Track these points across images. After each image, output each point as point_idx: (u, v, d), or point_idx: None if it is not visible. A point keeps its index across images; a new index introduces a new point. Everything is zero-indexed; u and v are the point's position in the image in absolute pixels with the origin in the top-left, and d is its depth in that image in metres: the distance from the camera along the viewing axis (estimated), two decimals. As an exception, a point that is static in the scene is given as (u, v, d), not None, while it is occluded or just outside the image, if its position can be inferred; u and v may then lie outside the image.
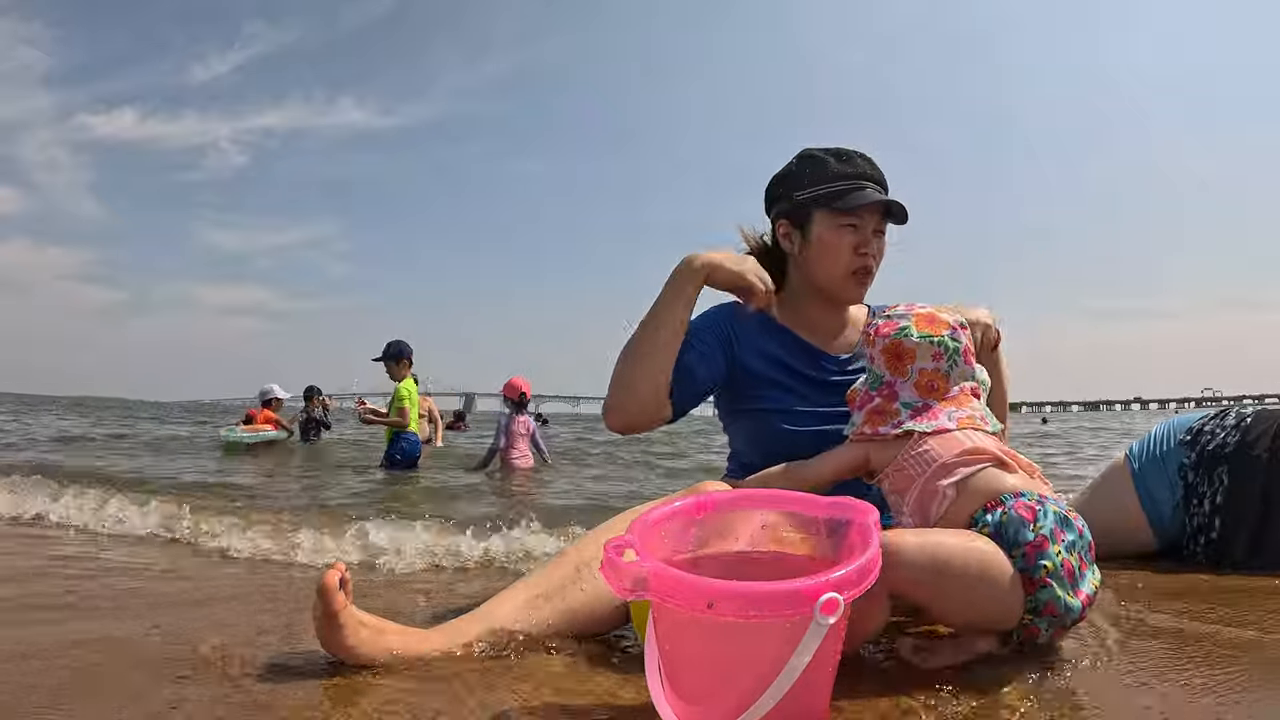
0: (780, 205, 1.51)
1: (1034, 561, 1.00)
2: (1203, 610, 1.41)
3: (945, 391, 1.18)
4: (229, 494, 3.90)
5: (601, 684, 1.08)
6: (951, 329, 1.20)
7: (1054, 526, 1.02)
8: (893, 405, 1.19)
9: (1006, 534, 1.01)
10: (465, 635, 1.10)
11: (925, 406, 1.17)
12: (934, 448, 1.13)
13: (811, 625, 0.74)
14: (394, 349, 5.85)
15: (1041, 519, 1.02)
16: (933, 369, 1.19)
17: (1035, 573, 0.99)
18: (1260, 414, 1.80)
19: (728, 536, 0.99)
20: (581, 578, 1.18)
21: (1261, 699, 0.98)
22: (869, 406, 1.22)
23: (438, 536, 2.27)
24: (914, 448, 1.14)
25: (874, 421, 1.19)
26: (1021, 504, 1.04)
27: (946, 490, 1.08)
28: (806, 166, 1.48)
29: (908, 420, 1.16)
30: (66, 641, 1.21)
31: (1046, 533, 1.01)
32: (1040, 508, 1.04)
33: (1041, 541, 1.00)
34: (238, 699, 0.97)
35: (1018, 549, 1.00)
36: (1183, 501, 1.80)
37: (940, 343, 1.19)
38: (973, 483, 1.08)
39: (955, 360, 1.19)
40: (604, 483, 5.34)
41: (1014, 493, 1.06)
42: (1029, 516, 1.02)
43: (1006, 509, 1.03)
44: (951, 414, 1.16)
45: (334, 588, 1.00)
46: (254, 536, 2.32)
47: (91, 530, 2.58)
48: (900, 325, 1.21)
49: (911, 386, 1.19)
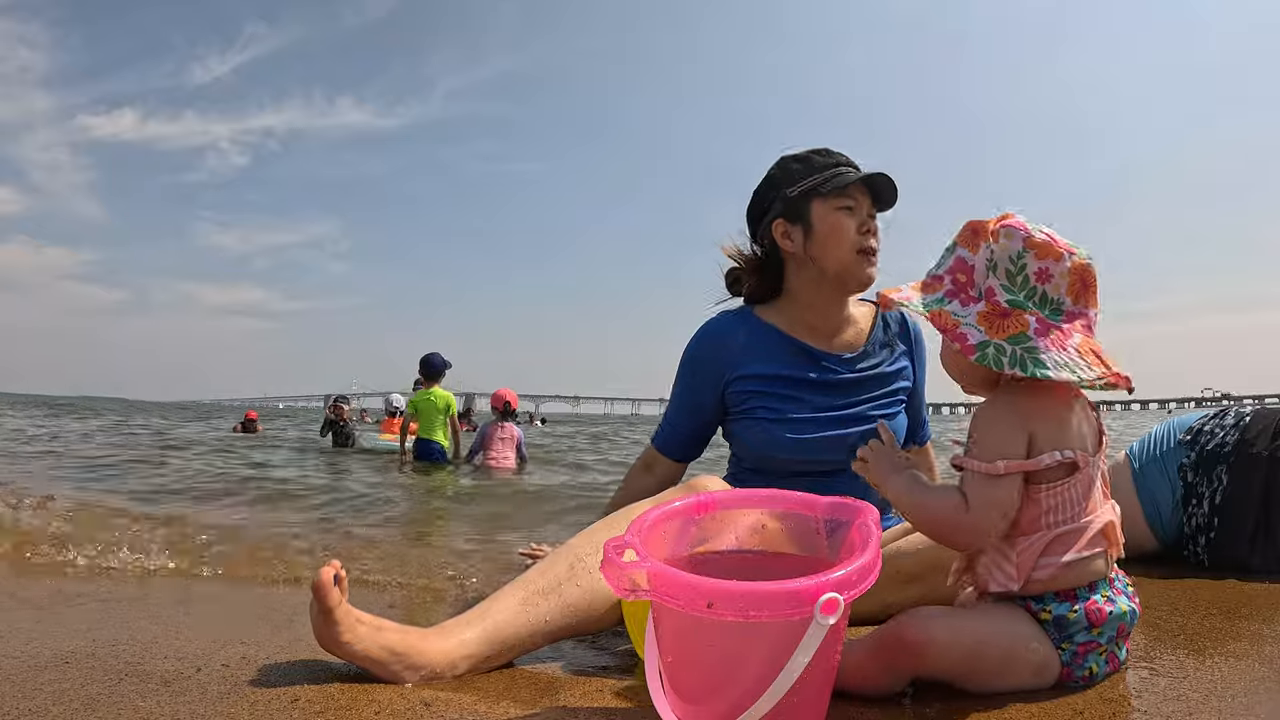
0: (775, 208, 1.52)
1: (1081, 661, 0.97)
2: (1202, 612, 1.41)
3: (1092, 316, 0.97)
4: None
5: (601, 684, 1.08)
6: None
7: (1112, 634, 0.98)
8: (1101, 347, 0.95)
9: (1064, 628, 0.96)
10: (464, 634, 1.10)
11: (1081, 314, 0.95)
12: (1079, 496, 0.95)
13: (812, 625, 0.74)
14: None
15: (1106, 626, 0.96)
16: (1080, 286, 0.96)
17: (1077, 670, 0.97)
18: (1259, 413, 1.80)
19: (727, 536, 0.99)
20: (577, 574, 1.19)
21: (1262, 700, 0.98)
22: (1074, 343, 0.93)
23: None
24: (1064, 481, 0.94)
25: (1106, 362, 0.93)
26: (1093, 605, 0.96)
27: (1058, 566, 0.95)
28: (792, 165, 1.51)
29: (1077, 344, 0.92)
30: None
31: (1103, 641, 0.97)
32: (1111, 609, 0.96)
33: (1093, 646, 0.97)
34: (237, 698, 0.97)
35: (1069, 644, 0.96)
36: (1182, 501, 1.80)
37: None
38: (1079, 568, 0.96)
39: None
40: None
41: (1091, 586, 0.97)
42: (1098, 622, 0.96)
43: (1078, 608, 0.95)
44: (1104, 359, 0.95)
45: (329, 584, 1.00)
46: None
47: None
48: (1070, 246, 0.95)
49: (1065, 288, 0.94)
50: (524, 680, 1.09)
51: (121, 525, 2.62)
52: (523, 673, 1.13)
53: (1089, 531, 0.96)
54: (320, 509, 3.56)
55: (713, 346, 1.54)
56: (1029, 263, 0.94)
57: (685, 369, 1.57)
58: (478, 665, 1.10)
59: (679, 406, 1.59)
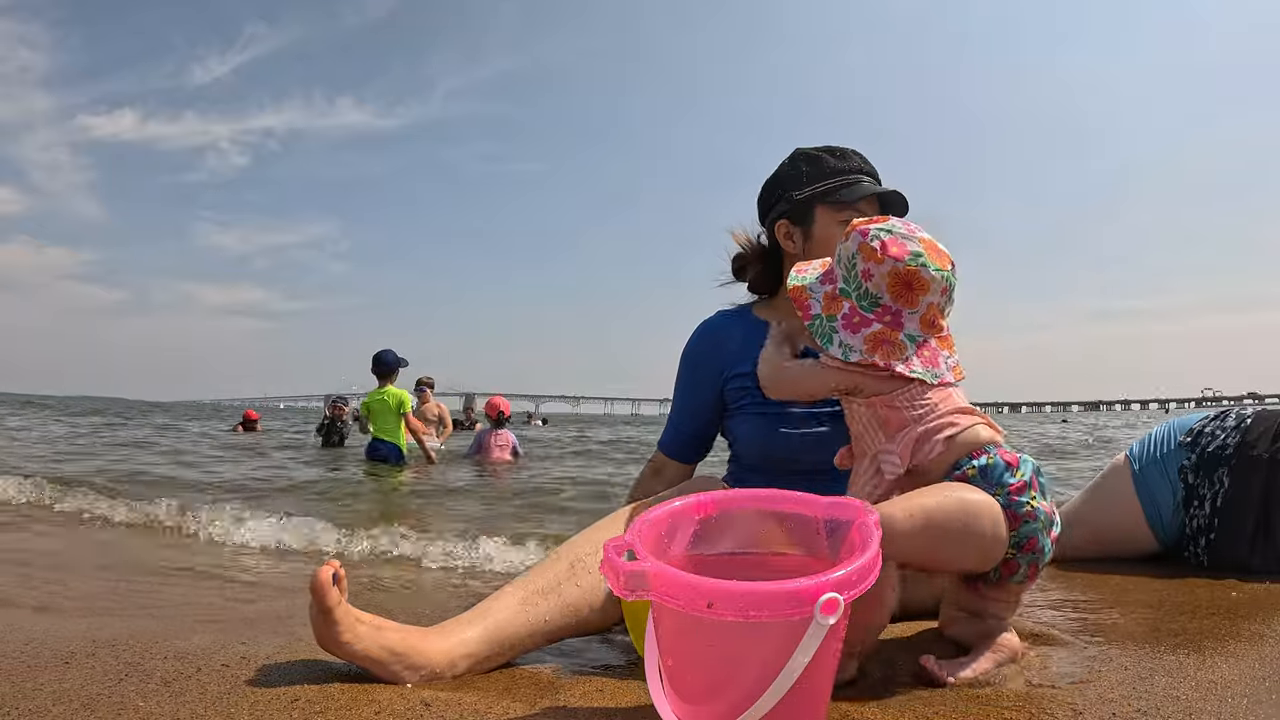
0: (780, 207, 1.51)
1: (1017, 499, 1.07)
2: (1202, 612, 1.41)
3: (941, 329, 1.17)
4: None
5: (601, 684, 1.08)
6: (952, 265, 1.16)
7: (1032, 475, 1.10)
8: (898, 336, 1.15)
9: (992, 476, 1.08)
10: (464, 633, 1.10)
11: (925, 343, 1.15)
12: (931, 397, 1.13)
13: (812, 625, 0.74)
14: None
15: (1023, 466, 1.09)
16: (937, 304, 1.15)
17: (1019, 509, 1.06)
18: (1260, 414, 1.80)
19: (727, 536, 0.98)
20: (576, 573, 1.19)
21: (1262, 700, 0.98)
22: (869, 331, 1.15)
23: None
24: (909, 390, 1.13)
25: (884, 353, 1.14)
26: (1005, 452, 1.10)
27: (938, 444, 1.11)
28: (802, 165, 1.49)
29: (916, 362, 1.13)
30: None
31: (1026, 479, 1.08)
32: (1021, 457, 1.11)
33: (1023, 485, 1.08)
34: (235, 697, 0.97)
35: (1002, 489, 1.07)
36: (1183, 503, 1.80)
37: (948, 278, 1.15)
38: (962, 437, 1.12)
39: (951, 297, 1.17)
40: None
41: (995, 444, 1.12)
42: (1013, 463, 1.09)
43: (992, 456, 1.09)
44: (947, 360, 1.16)
45: (327, 583, 0.99)
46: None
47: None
48: (913, 250, 1.14)
49: (918, 320, 1.15)
50: (524, 680, 1.09)
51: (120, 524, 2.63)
52: (523, 673, 1.13)
53: (949, 415, 1.12)
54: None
55: (710, 344, 1.55)
56: (858, 262, 1.16)
57: (685, 367, 1.58)
58: (478, 665, 1.10)
59: (681, 407, 1.59)
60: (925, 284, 1.13)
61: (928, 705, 0.96)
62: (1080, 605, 1.50)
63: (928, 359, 1.14)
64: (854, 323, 1.15)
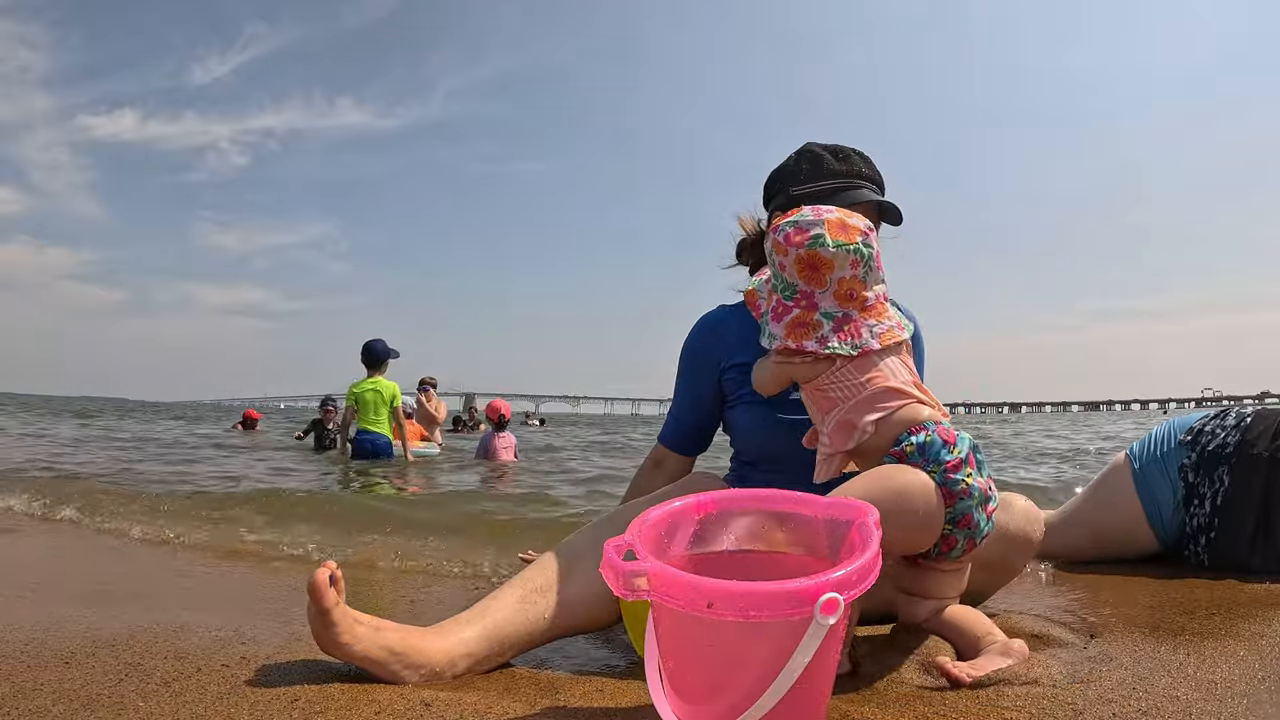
0: (778, 199, 1.53)
1: (953, 476, 1.09)
2: (1202, 612, 1.41)
3: (864, 300, 1.17)
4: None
5: (601, 684, 1.08)
6: (864, 234, 1.17)
7: (969, 452, 1.12)
8: (813, 316, 1.17)
9: (929, 453, 1.10)
10: (463, 632, 1.10)
11: (846, 318, 1.16)
12: (858, 378, 1.15)
13: (812, 625, 0.74)
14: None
15: (959, 444, 1.12)
16: (850, 277, 1.16)
17: (954, 486, 1.09)
18: (1260, 413, 1.80)
19: (727, 536, 0.98)
20: (574, 571, 1.19)
21: (1262, 700, 0.98)
22: (789, 318, 1.18)
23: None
24: (838, 372, 1.16)
25: (798, 335, 1.17)
26: (942, 429, 1.12)
27: (867, 426, 1.14)
28: (805, 162, 1.50)
29: (832, 337, 1.15)
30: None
31: (963, 456, 1.11)
32: (959, 434, 1.13)
33: (959, 462, 1.10)
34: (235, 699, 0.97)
35: (938, 466, 1.09)
36: (1183, 502, 1.80)
37: (856, 250, 1.16)
38: (896, 416, 1.14)
39: (870, 266, 1.17)
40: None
41: (935, 421, 1.14)
42: (950, 440, 1.12)
43: (930, 432, 1.12)
44: (873, 329, 1.16)
45: (324, 585, 0.99)
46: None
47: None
48: (813, 234, 1.16)
49: (831, 296, 1.17)
50: (524, 680, 1.09)
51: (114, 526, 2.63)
52: (523, 673, 1.13)
53: (879, 396, 1.14)
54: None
55: (709, 336, 1.57)
56: (774, 257, 1.21)
57: (684, 360, 1.60)
58: (477, 664, 1.10)
59: (681, 400, 1.61)
60: (828, 261, 1.15)
61: (928, 705, 0.96)
62: (1080, 605, 1.50)
63: (849, 333, 1.16)
64: (778, 312, 1.21)
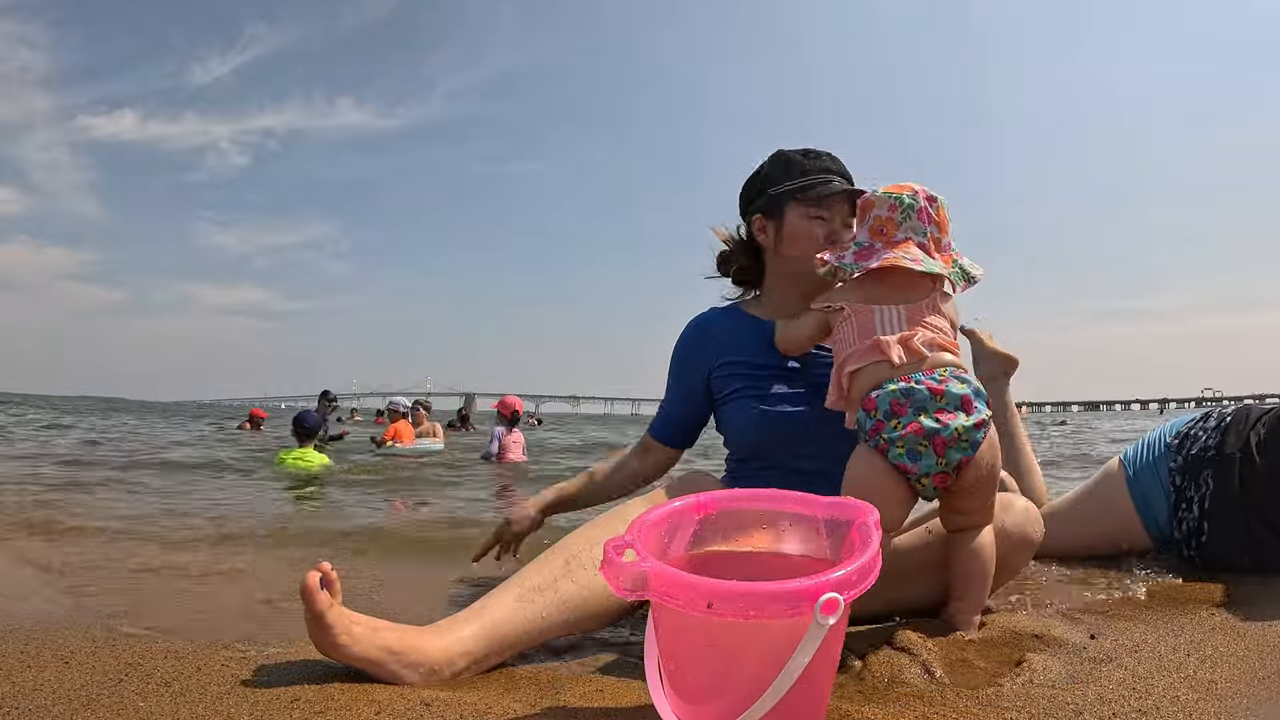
0: (757, 202, 1.59)
1: (874, 437, 1.22)
2: (1202, 612, 1.41)
3: (892, 236, 1.29)
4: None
5: (601, 684, 1.08)
6: (914, 192, 1.31)
7: (888, 408, 1.21)
8: (849, 241, 1.36)
9: (862, 429, 1.25)
10: (461, 631, 1.10)
11: (870, 248, 1.30)
12: (852, 332, 1.29)
13: (811, 625, 0.74)
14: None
15: (879, 406, 1.22)
16: (886, 217, 1.30)
17: (878, 444, 1.22)
18: (1238, 412, 1.79)
19: (727, 536, 0.98)
20: (572, 570, 1.19)
21: (1262, 700, 0.98)
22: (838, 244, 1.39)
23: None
24: (843, 325, 1.31)
25: (834, 250, 1.36)
26: (871, 400, 1.23)
27: (843, 380, 1.29)
28: (779, 165, 1.58)
29: (848, 254, 1.31)
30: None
31: (882, 417, 1.21)
32: (879, 394, 1.22)
33: (879, 425, 1.22)
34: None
35: (865, 435, 1.24)
36: (1174, 506, 1.80)
37: (898, 198, 1.30)
38: (862, 372, 1.27)
39: (909, 214, 1.29)
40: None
41: (880, 385, 1.23)
42: (869, 408, 1.23)
43: (879, 399, 1.22)
44: (883, 254, 1.27)
45: (315, 588, 0.99)
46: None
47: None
48: (873, 189, 1.35)
49: (866, 230, 1.32)
50: (524, 680, 1.09)
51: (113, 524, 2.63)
52: (523, 673, 1.13)
53: (856, 349, 1.28)
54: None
55: (699, 337, 1.63)
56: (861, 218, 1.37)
57: (675, 360, 1.66)
58: (476, 663, 1.10)
59: (671, 396, 1.67)
60: (870, 203, 1.33)
61: (928, 705, 0.96)
62: (1080, 605, 1.50)
63: (860, 254, 1.30)
64: (859, 255, 1.34)
